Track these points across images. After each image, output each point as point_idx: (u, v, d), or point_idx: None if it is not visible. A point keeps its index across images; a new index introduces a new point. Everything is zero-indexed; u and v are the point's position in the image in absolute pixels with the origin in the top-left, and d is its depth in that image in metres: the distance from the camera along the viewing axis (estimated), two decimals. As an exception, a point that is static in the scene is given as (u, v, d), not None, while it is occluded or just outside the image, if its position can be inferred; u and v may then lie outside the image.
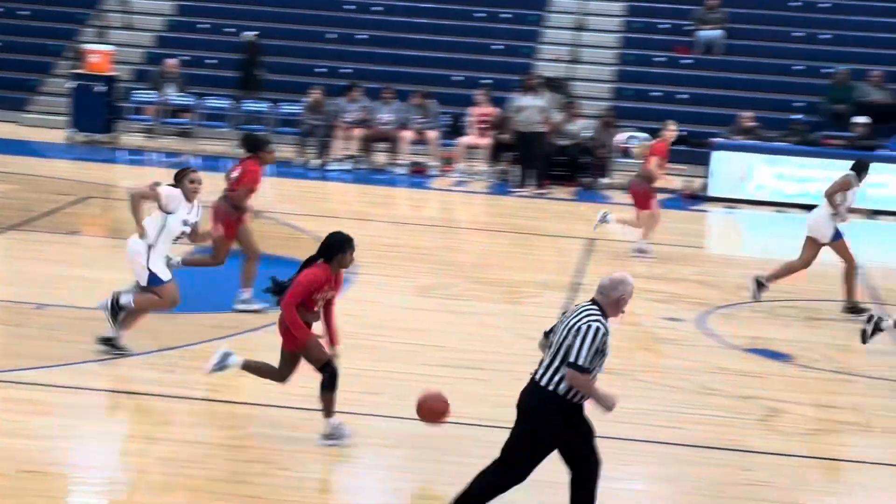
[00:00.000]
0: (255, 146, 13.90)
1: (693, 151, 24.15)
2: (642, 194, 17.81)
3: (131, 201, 11.75)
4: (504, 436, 8.32)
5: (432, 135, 24.50)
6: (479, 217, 21.78)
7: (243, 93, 26.10)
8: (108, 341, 11.82)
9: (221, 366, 10.22)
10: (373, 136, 24.68)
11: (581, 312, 8.13)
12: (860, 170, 15.69)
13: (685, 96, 26.77)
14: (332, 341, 10.03)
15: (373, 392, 11.23)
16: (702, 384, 12.15)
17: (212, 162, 22.58)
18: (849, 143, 23.63)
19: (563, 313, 8.51)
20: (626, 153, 23.94)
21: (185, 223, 11.76)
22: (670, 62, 27.65)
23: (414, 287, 14.99)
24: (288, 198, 21.38)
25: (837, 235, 15.30)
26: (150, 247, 11.64)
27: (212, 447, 9.91)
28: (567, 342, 8.05)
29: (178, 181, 11.78)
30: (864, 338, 13.04)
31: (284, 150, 24.47)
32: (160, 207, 11.65)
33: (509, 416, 8.21)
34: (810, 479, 9.99)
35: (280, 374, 10.16)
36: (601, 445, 8.38)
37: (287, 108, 25.53)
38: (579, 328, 8.03)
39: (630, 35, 28.46)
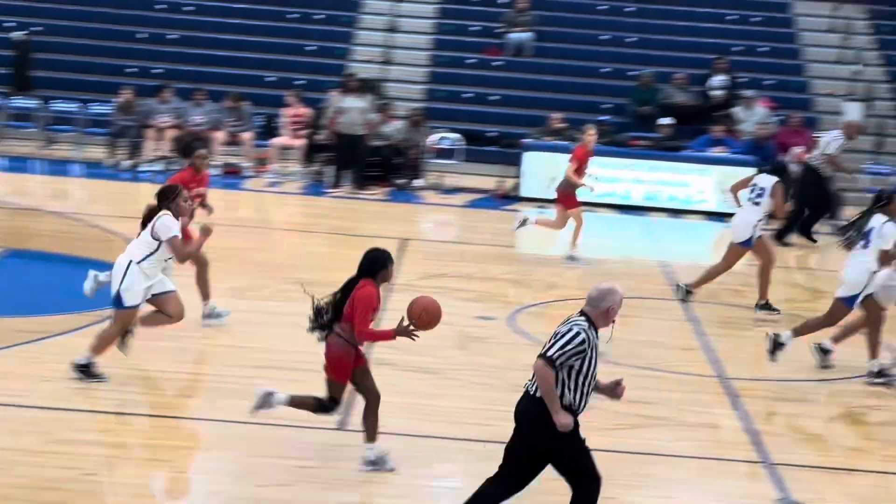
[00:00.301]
0: (185, 152, 13.97)
1: (504, 152, 24.53)
2: (568, 196, 18.17)
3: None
4: (315, 437, 8.36)
5: (247, 136, 24.36)
6: (293, 218, 21.74)
7: (13, 90, 25.53)
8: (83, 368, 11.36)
9: (265, 404, 9.89)
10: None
11: (568, 320, 8.29)
12: (782, 173, 16.29)
13: (496, 98, 27.10)
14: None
15: (185, 395, 11.16)
16: (513, 382, 12.27)
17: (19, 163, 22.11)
18: (654, 143, 24.22)
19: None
20: (438, 154, 24.19)
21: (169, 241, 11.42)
22: (481, 64, 27.96)
23: (226, 289, 14.90)
24: (98, 199, 21.04)
25: (752, 239, 15.82)
26: (138, 263, 11.27)
27: (17, 453, 9.72)
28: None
29: (168, 202, 11.47)
30: (772, 356, 13.43)
31: (94, 151, 24.10)
32: (152, 235, 11.33)
33: (323, 417, 8.25)
34: (617, 473, 10.19)
35: (328, 404, 9.95)
36: (416, 444, 8.49)
37: (97, 109, 25.08)
38: (560, 332, 8.20)
39: (442, 37, 28.71)
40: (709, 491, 10.27)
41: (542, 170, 23.45)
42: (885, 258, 13.00)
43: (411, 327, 9.40)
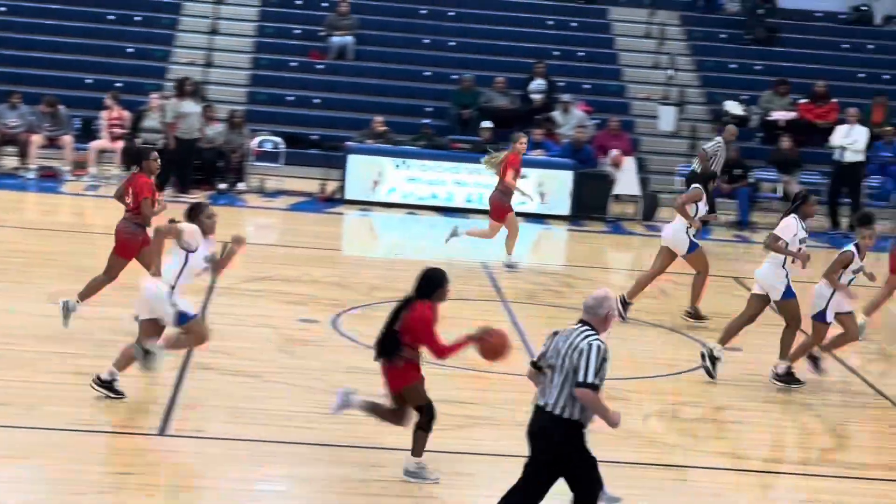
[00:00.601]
0: (136, 159, 13.76)
1: (327, 155, 24.53)
2: (500, 206, 18.29)
3: (156, 238, 11.36)
4: (135, 443, 8.26)
5: (66, 139, 23.94)
6: (112, 222, 21.29)
7: None
8: (106, 384, 11.26)
9: (345, 404, 10.24)
10: (0, 140, 23.93)
11: (577, 334, 8.35)
12: (709, 179, 16.69)
13: (319, 101, 27.08)
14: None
15: (0, 402, 10.94)
16: (336, 384, 12.31)
17: None
18: (476, 146, 24.42)
19: (552, 336, 8.61)
20: (260, 157, 24.08)
21: (206, 259, 11.47)
22: (304, 67, 27.90)
23: (44, 294, 14.63)
24: None
25: (693, 247, 15.95)
26: (172, 286, 11.23)
27: None
28: (571, 367, 8.26)
29: (193, 217, 11.39)
30: (710, 374, 13.56)
31: None
32: (182, 246, 11.25)
33: (143, 422, 8.16)
34: (440, 473, 10.29)
35: (398, 417, 10.20)
36: (239, 448, 8.45)
37: None
38: (581, 349, 8.26)
39: (263, 40, 28.57)
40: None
41: (365, 172, 23.53)
42: (774, 243, 13.33)
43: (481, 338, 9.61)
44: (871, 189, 25.30)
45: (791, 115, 26.56)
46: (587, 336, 8.34)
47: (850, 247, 13.40)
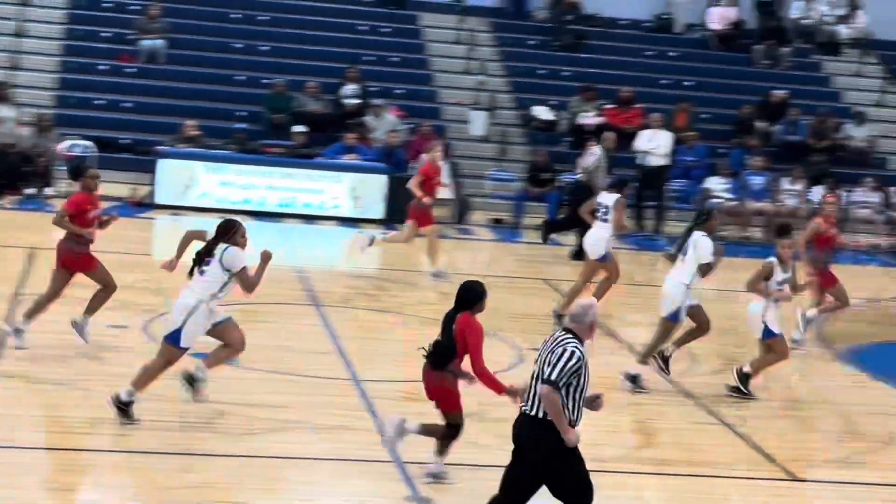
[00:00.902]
0: (75, 176, 13.68)
1: (138, 159, 24.27)
2: (422, 213, 18.48)
3: (184, 237, 11.44)
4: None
5: None
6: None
7: None
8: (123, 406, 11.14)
9: (401, 433, 10.61)
10: None
11: (558, 340, 8.60)
12: (624, 185, 16.98)
13: (129, 105, 26.75)
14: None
15: None
16: (149, 390, 12.24)
17: None
18: (288, 151, 24.48)
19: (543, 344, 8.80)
20: (68, 161, 23.70)
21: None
22: (114, 70, 27.52)
23: None
24: None
25: (608, 256, 16.30)
26: (198, 306, 11.26)
27: None
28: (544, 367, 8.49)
29: (229, 237, 11.36)
30: (664, 373, 13.89)
31: None
32: (225, 266, 11.28)
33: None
34: (251, 478, 10.31)
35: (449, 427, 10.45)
36: (46, 458, 8.37)
37: None
38: (555, 351, 8.52)
39: (72, 43, 28.09)
40: (344, 492, 10.51)
41: (176, 177, 23.35)
42: (706, 270, 13.67)
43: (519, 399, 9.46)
44: (675, 192, 26.01)
45: (598, 120, 27.14)
46: (566, 342, 8.61)
47: (771, 258, 13.69)
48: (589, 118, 27.12)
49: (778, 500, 11.28)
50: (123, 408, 11.12)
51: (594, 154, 22.19)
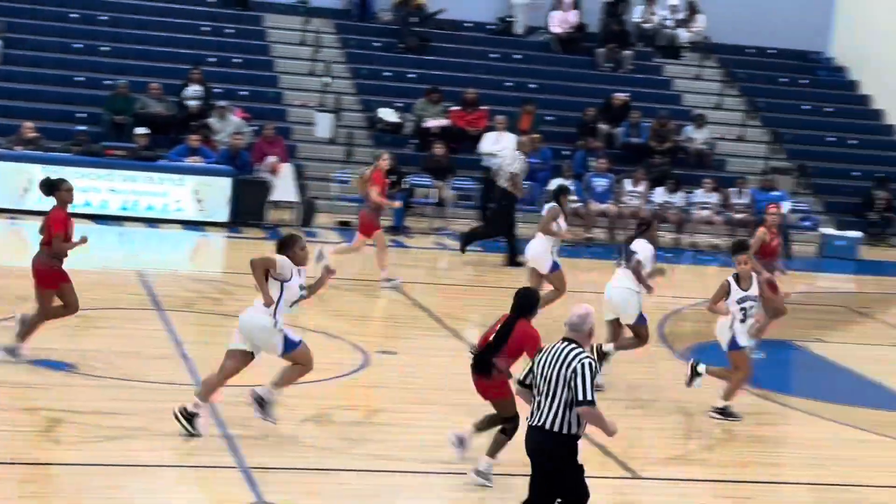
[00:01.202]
0: (49, 191, 13.39)
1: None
2: (370, 223, 18.70)
3: (254, 270, 11.43)
4: None
5: None
6: None
7: None
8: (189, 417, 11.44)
9: (462, 447, 11.28)
10: None
11: (566, 353, 8.85)
12: (560, 194, 16.98)
13: (-36, 106, 26.12)
14: None
15: None
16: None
17: None
18: (130, 153, 24.08)
19: (538, 354, 9.12)
20: None
21: (301, 287, 11.59)
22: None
23: None
24: None
25: (555, 266, 16.56)
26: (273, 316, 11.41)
27: None
28: (566, 385, 8.75)
29: (286, 249, 11.55)
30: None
31: None
32: (275, 277, 11.43)
33: None
34: (90, 487, 10.14)
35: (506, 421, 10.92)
36: None
37: None
38: (575, 369, 8.75)
39: None
40: (187, 498, 10.39)
41: (13, 180, 22.84)
42: (636, 269, 14.04)
43: None
44: (520, 194, 26.19)
45: (444, 122, 27.24)
46: (577, 354, 8.84)
47: (729, 277, 13.73)
48: (434, 120, 27.19)
49: (620, 497, 11.44)
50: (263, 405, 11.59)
51: (517, 158, 22.23)
